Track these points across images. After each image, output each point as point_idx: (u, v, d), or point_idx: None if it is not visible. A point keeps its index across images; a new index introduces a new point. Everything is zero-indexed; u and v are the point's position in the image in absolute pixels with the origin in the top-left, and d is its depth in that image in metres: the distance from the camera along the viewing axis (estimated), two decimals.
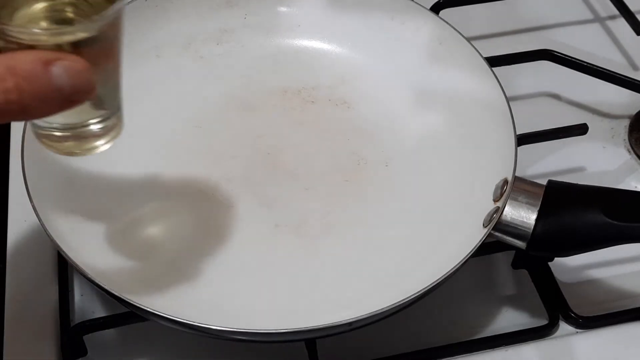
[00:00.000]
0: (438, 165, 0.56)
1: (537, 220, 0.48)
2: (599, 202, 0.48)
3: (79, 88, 0.34)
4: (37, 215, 0.46)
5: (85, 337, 0.50)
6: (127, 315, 0.49)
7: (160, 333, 0.51)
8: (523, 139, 0.57)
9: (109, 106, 0.40)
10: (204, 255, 0.51)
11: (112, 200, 0.53)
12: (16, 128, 0.60)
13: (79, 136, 0.40)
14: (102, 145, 0.41)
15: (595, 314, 0.52)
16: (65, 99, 0.33)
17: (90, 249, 0.49)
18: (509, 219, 0.48)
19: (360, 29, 0.62)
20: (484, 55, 0.56)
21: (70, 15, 0.37)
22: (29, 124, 0.40)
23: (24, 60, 0.32)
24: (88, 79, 0.34)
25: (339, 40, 0.62)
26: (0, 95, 0.31)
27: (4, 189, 0.58)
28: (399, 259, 0.51)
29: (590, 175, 0.62)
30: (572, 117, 0.65)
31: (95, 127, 0.40)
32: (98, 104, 0.39)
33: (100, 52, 0.36)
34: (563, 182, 0.50)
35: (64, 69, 0.33)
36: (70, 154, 0.41)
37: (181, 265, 0.50)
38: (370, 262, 0.52)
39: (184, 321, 0.43)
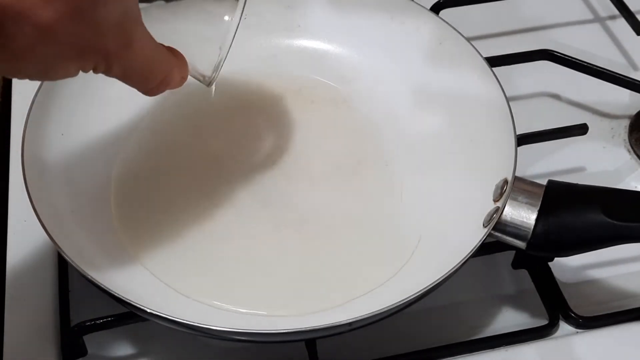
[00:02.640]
0: (438, 165, 0.56)
1: (537, 220, 0.48)
2: (599, 202, 0.48)
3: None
4: (37, 215, 0.46)
5: (85, 338, 0.50)
6: (127, 316, 0.49)
7: (160, 333, 0.51)
8: (523, 139, 0.57)
9: None
10: (204, 255, 0.51)
11: (112, 201, 0.53)
12: (16, 128, 0.60)
13: None
14: None
15: (595, 314, 0.52)
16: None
17: (90, 249, 0.49)
18: (509, 219, 0.48)
19: (360, 29, 0.62)
20: (484, 55, 0.56)
21: None
22: None
23: (181, 74, 0.44)
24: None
25: (339, 40, 0.62)
26: (159, 82, 0.43)
27: (4, 189, 0.58)
28: (398, 259, 0.51)
29: (590, 175, 0.62)
30: (572, 117, 0.65)
31: None
32: None
33: None
34: (563, 182, 0.50)
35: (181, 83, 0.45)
36: None
37: (181, 265, 0.50)
38: (371, 262, 0.52)
39: (184, 321, 0.43)
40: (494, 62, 0.59)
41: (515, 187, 0.49)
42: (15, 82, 0.64)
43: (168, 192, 0.54)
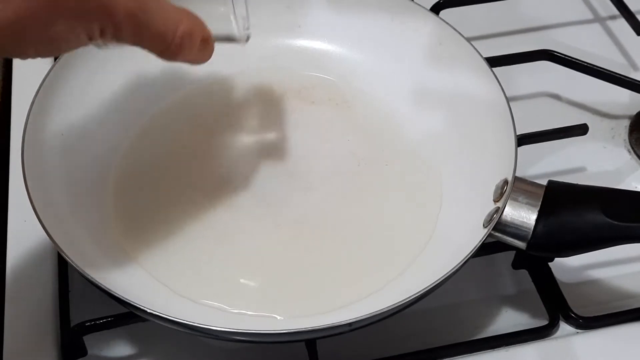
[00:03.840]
0: (438, 166, 0.56)
1: (537, 220, 0.48)
2: (599, 202, 0.48)
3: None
4: (37, 215, 0.46)
5: (85, 338, 0.50)
6: (127, 316, 0.49)
7: (160, 333, 0.51)
8: (523, 139, 0.57)
9: None
10: (204, 255, 0.51)
11: (111, 201, 0.53)
12: (16, 128, 0.60)
13: None
14: None
15: (595, 314, 0.52)
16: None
17: (90, 249, 0.49)
18: (509, 219, 0.48)
19: (360, 29, 0.62)
20: (484, 56, 0.56)
21: None
22: None
23: (202, 33, 0.42)
24: None
25: (339, 40, 0.62)
26: (179, 39, 0.39)
27: (4, 189, 0.58)
28: (399, 259, 0.51)
29: (590, 175, 0.62)
30: (573, 117, 0.65)
31: None
32: None
33: None
34: (563, 182, 0.50)
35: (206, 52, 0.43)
36: None
37: (181, 265, 0.50)
38: (371, 263, 0.51)
39: (184, 322, 0.43)
40: (494, 62, 0.59)
41: (515, 187, 0.49)
42: (16, 81, 0.64)
43: (168, 193, 0.54)
